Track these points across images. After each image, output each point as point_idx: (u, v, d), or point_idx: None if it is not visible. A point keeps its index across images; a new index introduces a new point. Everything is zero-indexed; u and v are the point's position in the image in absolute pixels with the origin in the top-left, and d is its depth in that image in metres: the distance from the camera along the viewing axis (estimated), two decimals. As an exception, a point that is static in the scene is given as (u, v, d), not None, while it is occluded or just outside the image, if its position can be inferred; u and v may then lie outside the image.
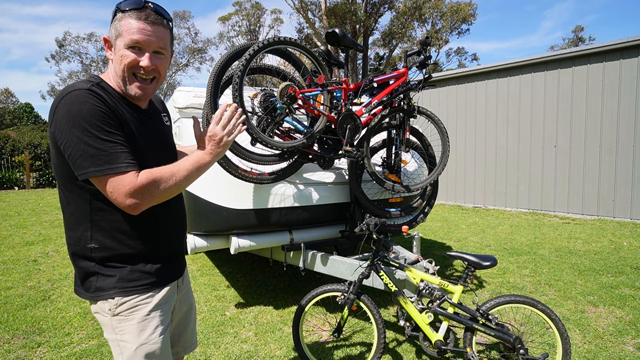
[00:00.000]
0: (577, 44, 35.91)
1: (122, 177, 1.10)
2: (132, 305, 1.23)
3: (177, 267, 1.41)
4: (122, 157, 1.11)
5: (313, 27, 23.15)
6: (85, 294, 1.24)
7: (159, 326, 1.27)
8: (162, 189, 1.16)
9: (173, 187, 1.18)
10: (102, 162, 1.09)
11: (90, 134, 1.08)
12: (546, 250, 5.05)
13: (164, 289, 1.30)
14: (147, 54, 1.18)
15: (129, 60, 1.17)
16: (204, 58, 33.15)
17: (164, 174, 1.17)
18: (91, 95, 1.11)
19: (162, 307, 1.29)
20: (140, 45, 1.17)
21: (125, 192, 1.11)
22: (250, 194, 2.74)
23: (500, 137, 8.32)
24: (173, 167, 1.20)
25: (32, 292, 3.70)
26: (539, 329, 2.84)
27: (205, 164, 1.26)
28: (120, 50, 1.17)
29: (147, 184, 1.13)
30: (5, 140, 13.90)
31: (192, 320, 1.58)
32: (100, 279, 1.22)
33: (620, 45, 6.67)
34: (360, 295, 2.32)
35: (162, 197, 1.18)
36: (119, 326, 1.23)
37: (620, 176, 6.87)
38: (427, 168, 3.46)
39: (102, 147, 1.09)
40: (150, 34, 1.17)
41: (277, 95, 2.47)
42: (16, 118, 45.76)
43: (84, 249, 1.22)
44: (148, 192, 1.13)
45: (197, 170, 1.24)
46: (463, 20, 28.42)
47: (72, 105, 1.09)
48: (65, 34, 29.43)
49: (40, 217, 7.54)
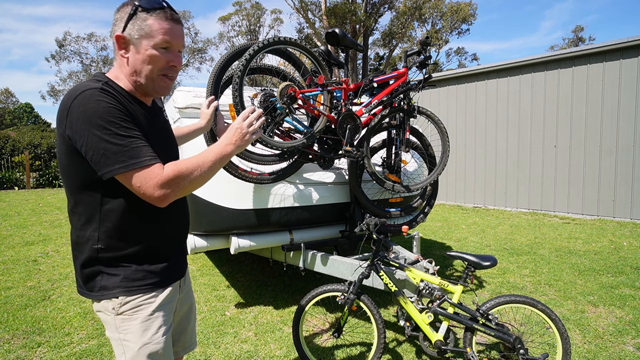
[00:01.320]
0: (577, 44, 35.91)
1: (148, 170, 1.11)
2: (136, 304, 1.23)
3: (180, 266, 1.42)
4: (145, 151, 1.12)
5: (313, 27, 23.15)
6: (89, 293, 1.24)
7: (162, 326, 1.27)
8: (189, 180, 1.17)
9: (199, 179, 1.19)
10: (126, 157, 1.09)
11: (110, 131, 1.08)
12: (546, 250, 5.05)
13: (167, 289, 1.31)
14: (178, 54, 1.22)
15: (164, 61, 1.19)
16: (204, 58, 33.15)
17: (190, 165, 1.18)
18: (105, 94, 1.11)
19: (165, 307, 1.30)
20: (169, 45, 1.18)
21: (154, 185, 1.11)
22: (250, 194, 2.74)
23: (500, 137, 8.31)
24: (197, 158, 1.21)
25: (32, 292, 3.70)
26: (539, 329, 2.84)
27: (228, 155, 1.28)
28: (148, 51, 1.16)
29: (174, 177, 1.14)
30: (5, 140, 13.89)
31: (192, 321, 1.58)
32: (104, 278, 1.22)
33: (620, 45, 6.67)
34: (360, 295, 2.32)
35: (189, 189, 1.19)
36: (122, 325, 1.23)
37: (620, 176, 6.87)
38: (427, 168, 3.46)
39: (124, 142, 1.09)
40: (179, 34, 1.20)
41: (277, 95, 2.47)
42: (16, 118, 45.78)
43: (90, 250, 1.21)
44: (175, 183, 1.14)
45: (220, 161, 1.26)
46: (463, 20, 28.43)
47: (88, 105, 1.08)
48: (66, 34, 29.40)
49: (40, 217, 7.54)
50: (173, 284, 1.35)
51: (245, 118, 1.33)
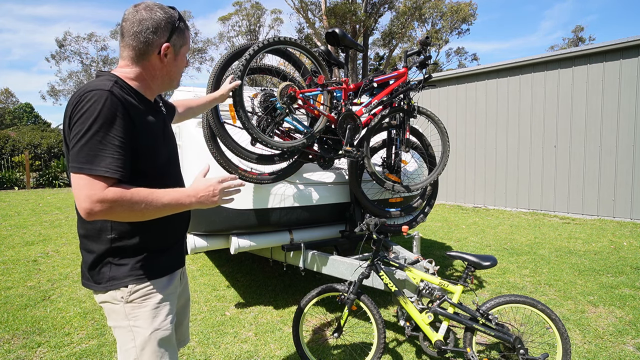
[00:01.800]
0: (577, 44, 35.91)
1: (94, 180, 1.08)
2: (145, 292, 1.27)
3: (182, 255, 1.47)
4: (107, 162, 1.09)
5: (313, 27, 23.15)
6: (97, 285, 1.26)
7: (169, 314, 1.32)
8: (128, 210, 1.11)
9: (140, 213, 1.14)
10: (86, 160, 1.08)
11: (92, 134, 1.09)
12: (546, 250, 5.05)
13: (174, 277, 1.38)
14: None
15: (186, 63, 1.39)
16: (204, 58, 33.15)
17: (136, 197, 1.12)
18: (110, 99, 1.13)
19: (171, 296, 1.35)
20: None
21: (86, 196, 1.07)
22: (250, 194, 2.74)
23: (500, 137, 8.31)
24: (150, 193, 1.15)
25: (32, 292, 3.70)
26: (539, 329, 2.84)
27: (184, 205, 1.23)
28: (184, 57, 1.37)
29: (112, 199, 1.08)
30: (5, 140, 13.90)
31: (187, 315, 1.63)
32: (113, 268, 1.25)
33: (620, 45, 6.66)
34: (360, 295, 2.32)
35: (124, 217, 1.14)
36: (132, 312, 1.26)
37: (620, 176, 6.86)
38: (427, 168, 3.46)
39: (92, 145, 1.09)
40: None
41: (277, 95, 2.47)
42: (16, 118, 45.78)
43: (104, 240, 1.24)
44: (109, 207, 1.08)
45: (174, 207, 1.21)
46: (463, 20, 28.43)
47: (91, 105, 1.11)
48: (66, 34, 29.47)
49: (40, 217, 7.54)
50: (178, 272, 1.41)
51: (224, 181, 1.28)
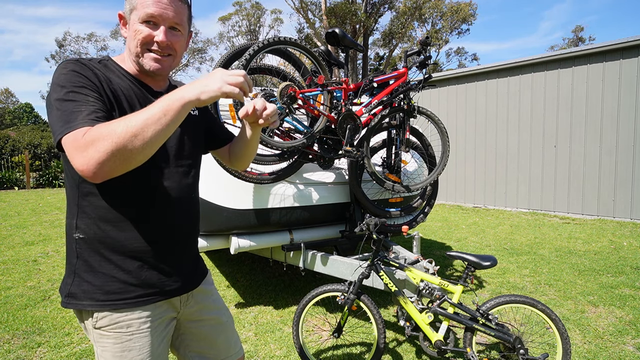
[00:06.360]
0: (577, 44, 35.91)
1: (75, 132, 0.91)
2: (112, 321, 1.08)
3: (180, 281, 1.19)
4: (83, 115, 0.94)
5: (313, 27, 23.15)
6: (60, 295, 1.12)
7: (144, 347, 1.10)
8: (115, 141, 0.88)
9: (135, 139, 0.89)
10: (62, 122, 0.93)
11: (60, 98, 0.97)
12: (546, 250, 5.05)
13: (154, 306, 1.13)
14: (163, 28, 1.08)
15: (144, 35, 1.07)
16: (204, 58, 33.16)
17: (115, 122, 0.92)
18: (74, 63, 1.02)
19: (151, 325, 1.12)
20: (155, 19, 1.07)
21: (73, 149, 0.90)
22: (250, 194, 2.74)
23: (500, 137, 8.31)
24: (131, 114, 0.95)
25: (32, 292, 3.70)
26: (539, 329, 2.84)
27: (183, 101, 0.94)
28: (134, 25, 1.07)
29: (95, 135, 0.89)
30: (5, 140, 13.90)
31: (222, 334, 1.36)
32: (75, 282, 1.08)
33: (620, 45, 6.66)
34: (360, 295, 2.32)
35: (119, 154, 0.88)
36: (100, 341, 1.09)
37: (620, 176, 6.86)
38: (427, 168, 3.46)
39: (65, 107, 0.95)
40: (166, 6, 1.07)
41: (277, 95, 2.47)
42: (16, 118, 45.79)
43: (71, 240, 1.10)
44: (94, 146, 0.87)
45: (172, 110, 0.92)
46: (463, 20, 28.43)
47: (56, 73, 1.01)
48: (66, 34, 29.49)
49: (40, 217, 7.54)
50: (173, 300, 1.18)
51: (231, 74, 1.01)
